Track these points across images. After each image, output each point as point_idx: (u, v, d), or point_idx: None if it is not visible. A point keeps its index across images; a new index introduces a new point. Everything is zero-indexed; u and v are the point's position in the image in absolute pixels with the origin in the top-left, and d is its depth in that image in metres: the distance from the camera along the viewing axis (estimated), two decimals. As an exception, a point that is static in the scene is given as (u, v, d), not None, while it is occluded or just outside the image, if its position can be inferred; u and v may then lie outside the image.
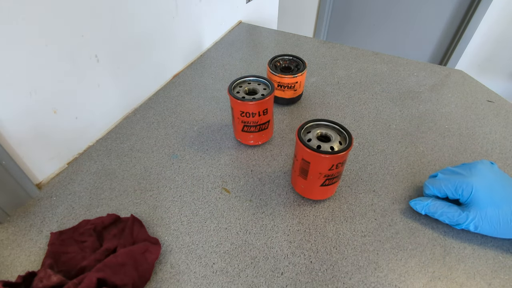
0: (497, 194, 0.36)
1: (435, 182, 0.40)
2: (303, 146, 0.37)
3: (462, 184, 0.37)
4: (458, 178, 0.38)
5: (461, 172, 0.39)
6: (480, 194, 0.36)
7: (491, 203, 0.36)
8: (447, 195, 0.39)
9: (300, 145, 0.38)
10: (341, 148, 0.38)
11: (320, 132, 0.40)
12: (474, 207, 0.36)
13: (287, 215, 0.42)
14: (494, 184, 0.37)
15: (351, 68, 0.71)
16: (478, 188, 0.36)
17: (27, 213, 0.43)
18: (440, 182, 0.39)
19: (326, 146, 0.38)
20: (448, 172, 0.40)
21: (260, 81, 0.49)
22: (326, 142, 0.38)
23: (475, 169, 0.38)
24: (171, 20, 0.63)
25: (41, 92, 0.42)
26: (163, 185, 0.46)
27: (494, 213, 0.35)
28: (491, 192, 0.36)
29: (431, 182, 0.41)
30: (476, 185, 0.36)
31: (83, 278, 0.32)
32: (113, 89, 0.54)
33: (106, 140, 0.53)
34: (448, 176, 0.40)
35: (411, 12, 1.66)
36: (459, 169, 0.40)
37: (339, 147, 0.38)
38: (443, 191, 0.39)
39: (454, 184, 0.38)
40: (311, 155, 0.37)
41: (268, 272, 0.36)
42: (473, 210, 0.37)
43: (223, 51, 0.77)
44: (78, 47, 0.45)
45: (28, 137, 0.43)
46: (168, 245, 0.39)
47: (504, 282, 0.35)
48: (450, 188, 0.38)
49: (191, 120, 0.57)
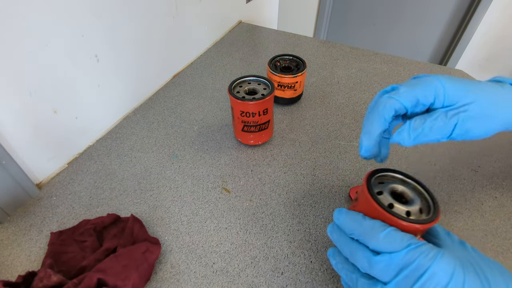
0: (465, 84, 0.29)
1: (400, 93, 0.29)
2: (372, 201, 0.28)
3: (431, 83, 0.28)
4: (421, 81, 0.29)
5: (415, 81, 0.29)
6: (452, 85, 0.28)
7: (468, 92, 0.28)
8: (417, 104, 0.29)
9: (368, 198, 0.28)
10: (423, 219, 0.27)
11: (397, 189, 0.30)
12: (453, 102, 0.28)
13: (287, 215, 0.42)
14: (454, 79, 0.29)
15: (351, 68, 0.71)
16: (446, 81, 0.28)
17: (27, 213, 0.43)
18: (408, 90, 0.29)
19: (401, 208, 0.28)
20: (403, 85, 0.30)
21: (260, 81, 0.49)
22: (402, 203, 0.28)
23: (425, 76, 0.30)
24: (171, 20, 0.63)
25: (41, 92, 0.42)
26: (163, 185, 0.46)
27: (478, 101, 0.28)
28: (460, 82, 0.29)
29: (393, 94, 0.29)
30: (442, 79, 0.28)
31: (83, 278, 0.32)
32: (113, 89, 0.54)
33: (106, 140, 0.53)
34: (408, 85, 0.29)
35: (411, 12, 1.66)
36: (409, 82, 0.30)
37: (419, 217, 0.27)
38: (413, 99, 0.28)
39: (425, 85, 0.28)
40: (384, 217, 0.27)
41: (268, 272, 0.36)
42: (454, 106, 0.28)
43: (223, 51, 0.77)
44: (78, 47, 0.45)
45: (28, 137, 0.43)
46: (168, 245, 0.39)
47: (504, 282, 0.35)
48: (423, 92, 0.28)
49: (191, 120, 0.57)
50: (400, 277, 0.23)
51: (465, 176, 0.47)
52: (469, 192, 0.45)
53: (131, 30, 0.54)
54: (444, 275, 0.22)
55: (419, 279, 0.23)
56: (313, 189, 0.46)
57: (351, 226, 0.28)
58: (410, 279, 0.23)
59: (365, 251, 0.26)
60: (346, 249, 0.28)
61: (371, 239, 0.26)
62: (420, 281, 0.23)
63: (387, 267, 0.24)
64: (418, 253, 0.23)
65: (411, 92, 0.28)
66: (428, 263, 0.23)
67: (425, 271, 0.23)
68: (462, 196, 0.44)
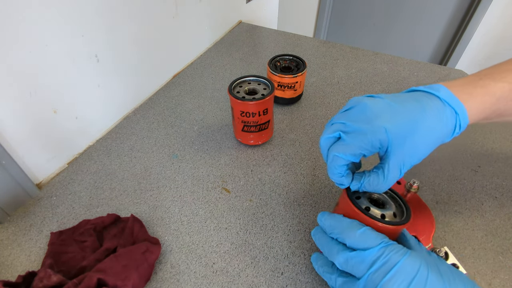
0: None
1: (345, 148, 0.30)
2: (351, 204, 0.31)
3: (376, 136, 0.28)
4: (365, 134, 0.29)
5: (358, 127, 0.29)
6: (396, 128, 0.28)
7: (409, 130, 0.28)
8: (362, 155, 0.30)
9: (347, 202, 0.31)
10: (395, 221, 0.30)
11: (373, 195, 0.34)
12: (394, 148, 0.28)
13: (287, 215, 0.42)
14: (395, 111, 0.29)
15: (351, 68, 0.71)
16: (390, 128, 0.28)
17: (27, 213, 0.43)
18: (352, 145, 0.29)
19: (376, 211, 0.31)
20: (346, 132, 0.30)
21: (260, 81, 0.49)
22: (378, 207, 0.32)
23: (363, 113, 0.30)
24: (171, 20, 0.62)
25: (41, 92, 0.42)
26: (163, 185, 0.46)
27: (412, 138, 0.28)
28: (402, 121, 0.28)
29: (340, 150, 0.30)
30: (387, 126, 0.28)
31: (83, 278, 0.32)
32: (113, 89, 0.54)
33: (106, 140, 0.53)
34: (352, 136, 0.30)
35: (411, 12, 1.66)
36: (348, 122, 0.30)
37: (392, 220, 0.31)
38: (358, 153, 0.29)
39: (368, 140, 0.29)
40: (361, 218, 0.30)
41: (268, 272, 0.36)
42: (393, 153, 0.29)
43: (223, 51, 0.77)
44: (78, 47, 0.45)
45: (28, 137, 0.43)
46: (168, 245, 0.39)
47: (504, 282, 0.35)
48: (367, 145, 0.29)
49: (191, 120, 0.57)
50: (372, 270, 0.26)
51: (465, 176, 0.47)
52: (469, 192, 0.45)
53: (131, 30, 0.54)
54: (411, 269, 0.25)
55: (389, 272, 0.25)
56: (313, 189, 0.46)
57: (331, 225, 0.31)
58: (381, 271, 0.26)
59: (343, 248, 0.29)
60: (326, 248, 0.31)
61: (348, 236, 0.28)
62: (390, 273, 0.25)
63: (361, 262, 0.27)
64: (390, 250, 0.26)
65: (354, 150, 0.29)
66: (398, 258, 0.26)
67: (395, 264, 0.25)
68: (462, 196, 0.44)
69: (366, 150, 0.29)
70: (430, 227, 0.39)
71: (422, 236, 0.38)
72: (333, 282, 0.30)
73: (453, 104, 0.29)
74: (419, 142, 0.28)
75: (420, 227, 0.38)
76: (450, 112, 0.29)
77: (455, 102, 0.29)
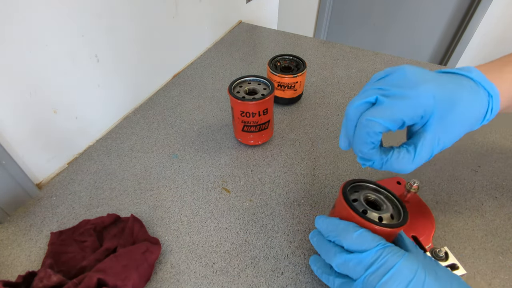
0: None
1: (385, 111, 0.26)
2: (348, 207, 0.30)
3: (420, 99, 0.26)
4: (409, 98, 0.26)
5: (400, 91, 0.26)
6: (441, 96, 0.26)
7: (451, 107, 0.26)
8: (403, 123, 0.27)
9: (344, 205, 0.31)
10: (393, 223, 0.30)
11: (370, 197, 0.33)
12: (436, 120, 0.27)
13: (287, 215, 0.42)
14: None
15: (351, 68, 0.71)
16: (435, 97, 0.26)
17: (27, 213, 0.43)
18: (394, 108, 0.26)
19: (373, 214, 0.31)
20: (386, 96, 0.27)
21: (260, 81, 0.49)
22: (375, 210, 0.31)
23: (408, 79, 0.27)
24: (171, 20, 0.63)
25: (41, 92, 0.42)
26: (163, 185, 0.46)
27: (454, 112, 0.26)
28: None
29: (377, 114, 0.26)
30: (435, 93, 0.26)
31: (83, 278, 0.32)
32: (113, 89, 0.54)
33: (106, 140, 0.53)
34: (393, 99, 0.27)
35: (411, 12, 1.66)
36: (387, 87, 0.27)
37: (390, 222, 0.30)
38: (399, 118, 0.26)
39: (413, 104, 0.26)
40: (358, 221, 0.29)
41: (268, 272, 0.36)
42: (433, 126, 0.27)
43: (223, 51, 0.77)
44: (78, 47, 0.45)
45: (28, 137, 0.43)
46: (168, 245, 0.39)
47: (504, 282, 0.35)
48: (410, 111, 0.26)
49: (191, 120, 0.57)
50: (369, 271, 0.26)
51: (465, 176, 0.47)
52: (469, 192, 0.45)
53: (131, 30, 0.54)
54: (408, 272, 0.25)
55: (387, 273, 0.25)
56: (313, 189, 0.46)
57: (328, 228, 0.30)
58: (378, 273, 0.25)
59: (340, 251, 0.29)
60: (323, 251, 0.30)
61: (346, 238, 0.28)
62: (387, 275, 0.25)
63: (358, 264, 0.27)
64: (387, 252, 0.26)
65: (395, 114, 0.26)
66: (396, 261, 0.25)
67: (393, 266, 0.25)
68: (462, 196, 0.44)
69: (408, 117, 0.26)
70: (430, 227, 0.39)
71: (422, 236, 0.38)
72: (331, 283, 0.30)
73: (486, 86, 0.27)
74: (457, 119, 0.26)
75: (420, 227, 0.38)
76: (484, 93, 0.27)
77: (488, 84, 0.27)
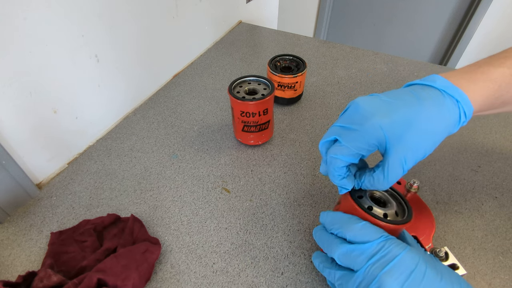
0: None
1: (342, 149, 0.29)
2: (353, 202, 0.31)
3: (370, 131, 0.28)
4: (360, 133, 0.28)
5: (353, 127, 0.29)
6: (391, 125, 0.27)
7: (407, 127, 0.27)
8: (362, 156, 0.30)
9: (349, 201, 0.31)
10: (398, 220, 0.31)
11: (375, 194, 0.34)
12: (393, 144, 0.28)
13: (287, 215, 0.42)
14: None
15: (351, 68, 0.71)
16: (386, 125, 0.27)
17: (27, 213, 0.43)
18: (349, 146, 0.29)
19: (379, 211, 0.31)
20: (342, 134, 0.30)
21: (260, 81, 0.49)
22: (380, 206, 0.32)
23: (360, 115, 0.29)
24: (171, 20, 0.62)
25: (41, 92, 0.42)
26: (163, 185, 0.46)
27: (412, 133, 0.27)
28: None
29: (337, 151, 0.29)
30: (382, 123, 0.27)
31: (83, 278, 0.32)
32: (113, 89, 0.54)
33: (106, 140, 0.53)
34: (347, 137, 0.29)
35: (411, 12, 1.66)
36: (343, 124, 0.30)
37: (395, 219, 0.31)
38: (356, 153, 0.29)
39: (364, 139, 0.28)
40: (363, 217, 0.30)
41: (268, 272, 0.36)
42: (392, 150, 0.28)
43: (223, 51, 0.77)
44: (78, 47, 0.45)
45: (28, 137, 0.43)
46: (168, 245, 0.39)
47: (504, 282, 0.35)
48: (364, 145, 0.28)
49: (191, 120, 0.57)
50: (371, 262, 0.26)
51: (465, 176, 0.47)
52: (469, 192, 0.45)
53: (131, 30, 0.54)
54: (410, 263, 0.25)
55: (389, 264, 0.26)
56: (313, 189, 0.46)
57: (332, 221, 0.31)
58: (380, 264, 0.26)
59: (343, 242, 0.29)
60: (326, 243, 0.31)
61: (349, 229, 0.29)
62: (389, 265, 0.26)
63: (361, 254, 0.27)
64: (390, 243, 0.27)
65: (351, 149, 0.29)
66: (399, 252, 0.26)
67: (395, 257, 0.26)
68: (462, 196, 0.44)
69: (363, 150, 0.29)
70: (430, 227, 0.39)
71: (422, 236, 0.38)
72: (332, 276, 0.30)
73: (451, 92, 0.28)
74: (419, 136, 0.27)
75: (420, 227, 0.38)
76: (451, 101, 0.28)
77: (453, 90, 0.28)
